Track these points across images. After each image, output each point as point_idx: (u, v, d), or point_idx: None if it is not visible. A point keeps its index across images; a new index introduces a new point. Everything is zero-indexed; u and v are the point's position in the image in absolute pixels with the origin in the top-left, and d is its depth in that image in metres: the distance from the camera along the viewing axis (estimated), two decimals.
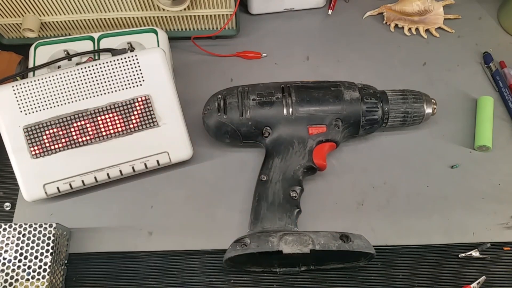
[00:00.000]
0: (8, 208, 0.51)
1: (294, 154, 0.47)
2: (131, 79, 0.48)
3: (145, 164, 0.49)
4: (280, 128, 0.48)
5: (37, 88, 0.47)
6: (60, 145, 0.48)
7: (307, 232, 0.41)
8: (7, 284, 0.43)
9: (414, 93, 0.51)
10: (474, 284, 0.46)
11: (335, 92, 0.48)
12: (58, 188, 0.48)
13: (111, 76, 0.48)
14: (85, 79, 0.48)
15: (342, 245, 0.40)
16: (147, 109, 0.48)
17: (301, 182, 0.46)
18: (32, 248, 0.44)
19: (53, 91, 0.48)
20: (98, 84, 0.48)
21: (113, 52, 0.52)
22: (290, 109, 0.47)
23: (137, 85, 0.48)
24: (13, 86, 0.47)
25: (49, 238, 0.44)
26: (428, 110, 0.50)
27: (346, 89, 0.49)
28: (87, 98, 0.48)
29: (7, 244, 0.44)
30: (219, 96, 0.49)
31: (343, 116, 0.48)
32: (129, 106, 0.48)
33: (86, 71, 0.48)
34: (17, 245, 0.44)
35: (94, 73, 0.48)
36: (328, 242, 0.40)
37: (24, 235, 0.44)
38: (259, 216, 0.44)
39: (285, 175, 0.46)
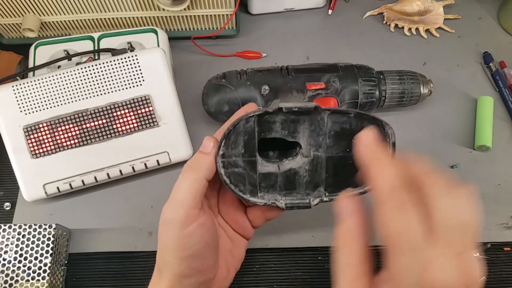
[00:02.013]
0: (8, 208, 0.51)
1: (293, 98, 0.48)
2: (131, 79, 0.48)
3: (145, 164, 0.49)
4: (279, 85, 0.49)
5: (37, 88, 0.47)
6: (60, 145, 0.47)
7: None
8: (7, 285, 0.43)
9: (411, 74, 0.53)
10: None
11: (331, 65, 0.52)
12: (58, 188, 0.48)
13: (111, 76, 0.48)
14: (85, 79, 0.48)
15: (357, 111, 0.35)
16: (147, 109, 0.48)
17: None
18: (32, 248, 0.44)
19: (53, 91, 0.47)
20: (98, 84, 0.48)
21: (113, 52, 0.52)
22: (287, 73, 0.50)
23: (137, 85, 0.48)
24: (13, 86, 0.47)
25: (48, 239, 0.44)
26: (425, 88, 0.52)
27: (341, 64, 0.52)
28: (87, 98, 0.48)
29: (7, 244, 0.44)
30: (219, 73, 0.51)
31: (339, 76, 0.50)
32: (129, 106, 0.48)
33: (86, 71, 0.48)
34: (16, 245, 0.44)
35: (94, 73, 0.48)
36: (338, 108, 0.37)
37: (23, 236, 0.44)
38: None
39: None
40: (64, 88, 0.48)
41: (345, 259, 0.28)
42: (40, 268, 0.43)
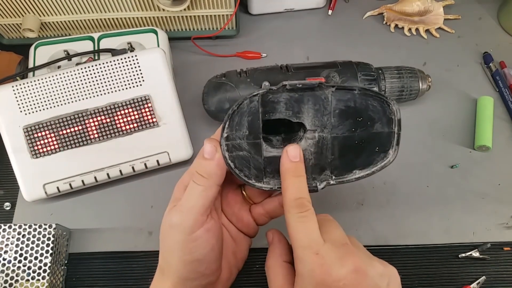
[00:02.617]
0: (8, 208, 0.51)
1: None
2: (131, 79, 0.48)
3: (145, 164, 0.49)
4: (279, 81, 0.48)
5: (37, 88, 0.47)
6: (60, 145, 0.48)
7: None
8: (7, 285, 0.43)
9: (410, 70, 0.53)
10: (474, 285, 0.46)
11: (330, 63, 0.52)
12: (58, 188, 0.48)
13: (111, 76, 0.48)
14: (85, 79, 0.48)
15: (361, 87, 0.35)
16: (147, 109, 0.48)
17: None
18: (32, 248, 0.44)
19: (53, 91, 0.48)
20: (98, 84, 0.48)
21: (113, 52, 0.52)
22: (287, 70, 0.50)
23: (137, 85, 0.48)
24: (13, 86, 0.47)
25: (48, 239, 0.44)
26: (423, 84, 0.52)
27: (340, 62, 0.52)
28: (87, 98, 0.48)
29: (7, 244, 0.44)
30: (218, 74, 0.52)
31: (339, 71, 0.50)
32: (129, 106, 0.48)
33: (86, 71, 0.48)
34: (17, 245, 0.44)
35: (94, 73, 0.48)
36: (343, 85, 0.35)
37: (23, 236, 0.44)
38: None
39: None
40: (64, 88, 0.48)
41: (274, 271, 0.34)
42: (40, 268, 0.43)
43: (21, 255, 0.44)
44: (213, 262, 0.35)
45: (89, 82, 0.48)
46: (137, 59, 0.48)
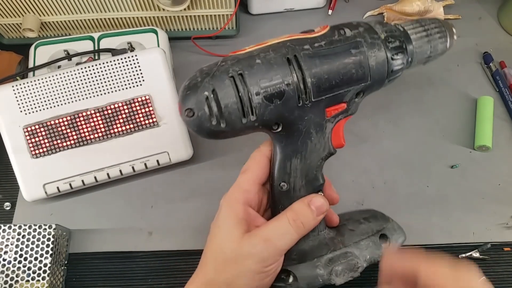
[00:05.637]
0: (8, 208, 0.51)
1: (314, 148, 0.38)
2: (131, 79, 0.48)
3: (145, 164, 0.49)
4: (294, 120, 0.37)
5: (37, 88, 0.47)
6: (60, 145, 0.47)
7: (349, 249, 0.40)
8: (7, 285, 0.43)
9: (437, 27, 0.40)
10: None
11: (358, 57, 0.36)
12: (58, 188, 0.48)
13: (111, 76, 0.48)
14: (85, 79, 0.48)
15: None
16: (147, 109, 0.48)
17: (322, 177, 0.40)
18: (31, 249, 0.44)
19: (53, 91, 0.47)
20: (98, 84, 0.48)
21: (113, 52, 0.52)
22: (306, 98, 0.35)
23: (137, 85, 0.48)
24: (13, 86, 0.47)
25: (48, 239, 0.44)
26: (450, 43, 0.40)
27: (369, 49, 0.36)
28: (87, 98, 0.48)
29: (7, 245, 0.44)
30: (205, 92, 0.34)
31: (366, 87, 0.38)
32: (129, 106, 0.48)
33: (86, 71, 0.48)
34: (16, 246, 0.44)
35: (94, 73, 0.48)
36: (373, 255, 0.40)
37: (23, 236, 0.44)
38: None
39: (308, 177, 0.39)
40: (64, 88, 0.48)
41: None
42: (40, 268, 0.43)
43: (21, 255, 0.44)
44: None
45: (89, 82, 0.48)
46: (137, 59, 0.48)
